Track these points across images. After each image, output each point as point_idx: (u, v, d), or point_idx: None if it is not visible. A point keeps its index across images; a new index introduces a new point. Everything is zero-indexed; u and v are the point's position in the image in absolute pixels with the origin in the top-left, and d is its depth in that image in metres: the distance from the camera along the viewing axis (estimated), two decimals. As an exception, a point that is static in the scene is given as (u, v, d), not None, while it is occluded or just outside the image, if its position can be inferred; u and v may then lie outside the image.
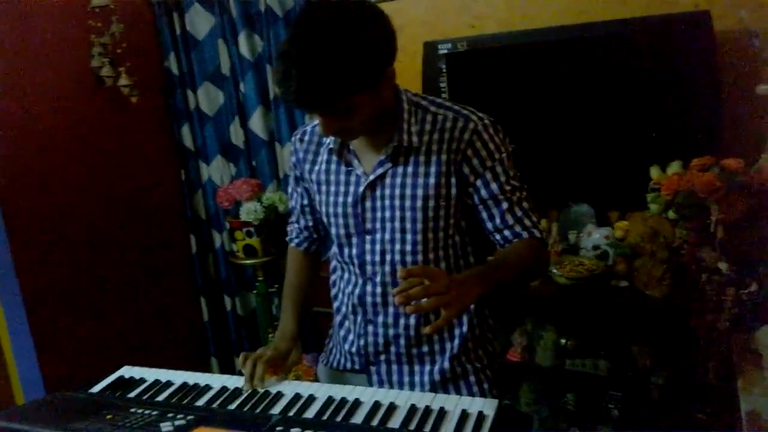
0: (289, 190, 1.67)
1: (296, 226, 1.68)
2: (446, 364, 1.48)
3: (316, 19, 1.21)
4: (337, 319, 1.60)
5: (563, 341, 2.38)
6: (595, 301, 2.26)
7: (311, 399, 1.35)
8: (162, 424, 1.22)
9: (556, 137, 2.42)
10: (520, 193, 1.41)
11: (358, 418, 1.27)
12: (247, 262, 3.00)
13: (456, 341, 1.48)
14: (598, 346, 2.36)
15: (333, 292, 1.64)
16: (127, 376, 1.53)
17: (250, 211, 2.87)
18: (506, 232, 1.41)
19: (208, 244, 3.36)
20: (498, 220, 1.41)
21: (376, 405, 1.30)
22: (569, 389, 2.43)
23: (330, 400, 1.34)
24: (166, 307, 3.15)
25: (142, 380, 1.50)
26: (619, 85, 2.35)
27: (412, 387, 1.49)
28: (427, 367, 1.49)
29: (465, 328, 1.49)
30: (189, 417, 1.26)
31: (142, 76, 2.87)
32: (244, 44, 2.99)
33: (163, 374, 1.53)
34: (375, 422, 1.25)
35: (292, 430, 1.18)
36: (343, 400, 1.33)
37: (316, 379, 1.80)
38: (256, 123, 3.10)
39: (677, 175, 2.00)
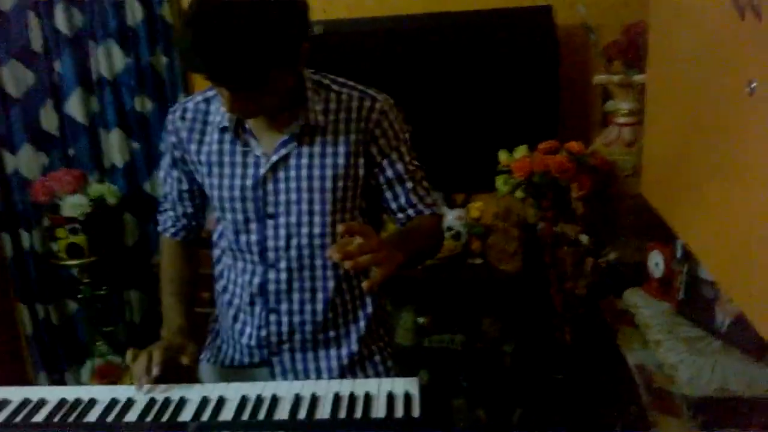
0: (162, 174, 1.52)
1: (171, 214, 1.53)
2: (354, 347, 1.45)
3: None
4: (230, 312, 1.48)
5: (421, 320, 2.45)
6: (453, 279, 2.37)
7: (222, 401, 1.24)
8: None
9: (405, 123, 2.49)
10: (420, 172, 1.44)
11: (282, 414, 1.19)
12: (72, 263, 2.67)
13: (362, 322, 1.46)
14: (452, 323, 2.47)
15: (220, 284, 1.52)
16: (-20, 399, 1.28)
17: (75, 206, 2.56)
18: (410, 211, 1.43)
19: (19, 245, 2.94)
20: (403, 200, 1.41)
21: (298, 398, 1.23)
22: (426, 365, 2.51)
23: (245, 399, 1.24)
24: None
25: (5, 402, 1.27)
26: (464, 74, 2.46)
27: (318, 373, 1.44)
28: (333, 352, 1.45)
29: (370, 309, 1.47)
30: (91, 436, 1.09)
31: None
32: (61, 18, 2.66)
33: (24, 392, 1.31)
34: (302, 416, 1.18)
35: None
36: (260, 398, 1.24)
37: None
38: (74, 107, 2.78)
39: (527, 158, 2.15)
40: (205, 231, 1.60)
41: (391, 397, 1.22)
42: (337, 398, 1.22)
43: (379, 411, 1.19)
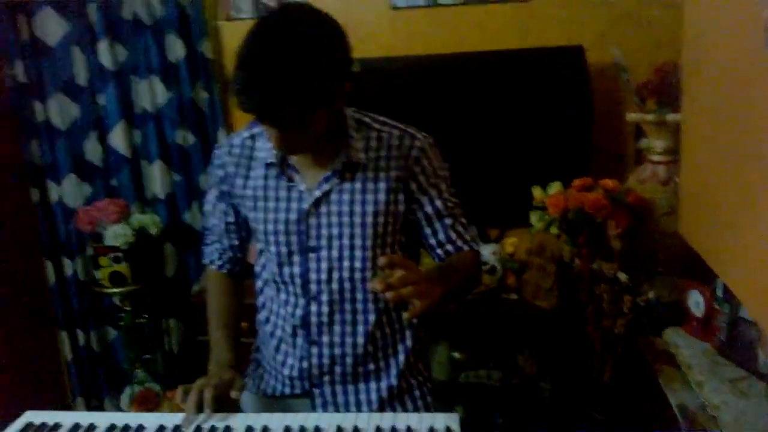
0: (208, 208, 1.56)
1: (218, 246, 1.57)
2: (393, 381, 1.47)
3: (282, 27, 1.17)
4: (272, 343, 1.51)
5: (456, 355, 2.46)
6: (488, 314, 2.37)
7: (266, 430, 1.27)
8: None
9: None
10: (459, 209, 1.47)
11: (327, 445, 1.21)
12: (114, 290, 2.72)
13: (401, 356, 1.48)
14: (488, 358, 2.47)
15: (262, 315, 1.55)
16: (36, 422, 1.32)
17: (118, 235, 2.62)
18: (448, 247, 1.45)
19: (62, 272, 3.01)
20: (441, 236, 1.44)
21: (340, 430, 1.25)
22: (462, 401, 2.50)
23: (289, 429, 1.26)
24: (19, 344, 2.76)
25: (57, 426, 1.31)
26: (499, 112, 2.50)
27: (358, 406, 1.46)
28: (373, 385, 1.47)
29: (409, 343, 1.49)
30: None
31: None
32: (105, 53, 2.76)
33: (73, 417, 1.35)
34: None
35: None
36: (303, 429, 1.26)
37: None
38: (118, 139, 2.85)
39: (562, 195, 2.16)
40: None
41: (432, 432, 1.23)
42: (378, 431, 1.24)
43: (421, 446, 1.20)
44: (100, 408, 3.05)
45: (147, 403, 2.71)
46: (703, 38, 1.59)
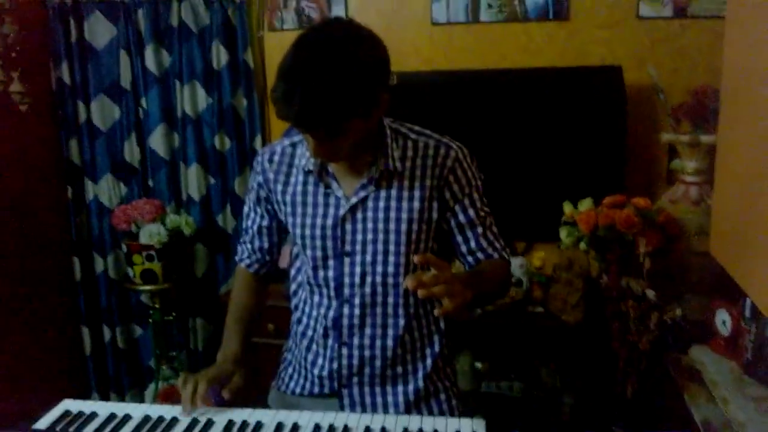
0: (245, 209, 1.61)
1: (249, 246, 1.62)
2: (420, 384, 1.49)
3: (322, 40, 1.21)
4: (304, 343, 1.55)
5: (478, 365, 2.47)
6: (512, 326, 2.39)
7: (296, 427, 1.30)
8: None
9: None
10: (490, 218, 1.49)
11: (354, 444, 1.24)
12: (145, 288, 2.80)
13: (429, 360, 1.50)
14: (510, 369, 2.48)
15: (295, 316, 1.59)
16: (73, 411, 1.37)
17: (152, 234, 2.70)
18: (479, 255, 1.48)
19: (89, 269, 3.09)
20: (473, 243, 1.47)
21: (368, 430, 1.28)
22: (483, 411, 2.51)
23: (318, 427, 1.29)
24: (44, 337, 2.85)
25: (93, 414, 1.36)
26: (534, 127, 2.53)
27: (385, 408, 1.48)
28: (401, 388, 1.49)
29: (437, 347, 1.52)
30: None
31: (34, 84, 2.63)
32: (151, 58, 2.85)
33: (110, 407, 1.40)
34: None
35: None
36: (332, 427, 1.29)
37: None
38: (157, 141, 2.95)
39: (593, 211, 2.18)
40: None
41: (459, 436, 1.25)
42: (406, 433, 1.26)
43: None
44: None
45: (171, 399, 2.76)
46: (744, 63, 1.61)
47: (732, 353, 1.78)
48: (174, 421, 1.33)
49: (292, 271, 1.60)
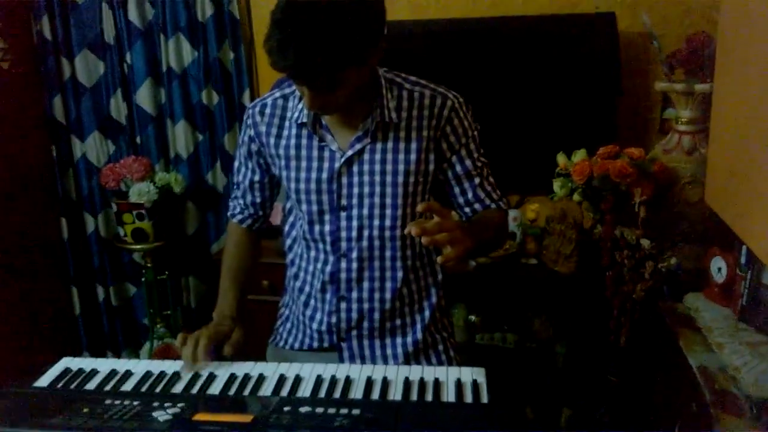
0: (236, 164, 1.58)
1: (240, 202, 1.60)
2: (419, 335, 1.50)
3: None
4: (301, 298, 1.55)
5: (472, 318, 2.49)
6: (506, 278, 2.40)
7: (299, 379, 1.30)
8: (155, 414, 1.13)
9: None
10: (487, 168, 1.49)
11: (357, 393, 1.25)
12: (136, 247, 2.78)
13: (427, 312, 1.52)
14: (504, 322, 2.51)
15: (291, 271, 1.59)
16: (73, 368, 1.37)
17: (142, 192, 2.67)
18: (476, 205, 1.48)
19: (79, 228, 3.07)
20: (470, 195, 1.46)
21: (370, 380, 1.28)
22: (477, 363, 2.55)
23: (320, 378, 1.30)
24: (32, 297, 2.84)
25: (94, 371, 1.35)
26: (525, 77, 2.48)
27: (385, 360, 1.50)
28: (399, 340, 1.50)
29: (434, 299, 1.53)
30: (180, 405, 1.17)
31: (15, 40, 2.56)
32: (134, 11, 2.77)
33: (110, 363, 1.39)
34: (375, 396, 1.24)
35: (300, 409, 1.14)
36: (334, 378, 1.30)
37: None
38: (144, 97, 2.88)
39: (587, 162, 2.17)
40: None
41: (459, 384, 1.26)
42: (407, 383, 1.27)
43: (448, 396, 1.23)
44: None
45: (167, 357, 2.77)
46: (742, 10, 1.58)
47: (727, 300, 1.80)
48: (175, 375, 1.33)
49: (286, 227, 1.59)
